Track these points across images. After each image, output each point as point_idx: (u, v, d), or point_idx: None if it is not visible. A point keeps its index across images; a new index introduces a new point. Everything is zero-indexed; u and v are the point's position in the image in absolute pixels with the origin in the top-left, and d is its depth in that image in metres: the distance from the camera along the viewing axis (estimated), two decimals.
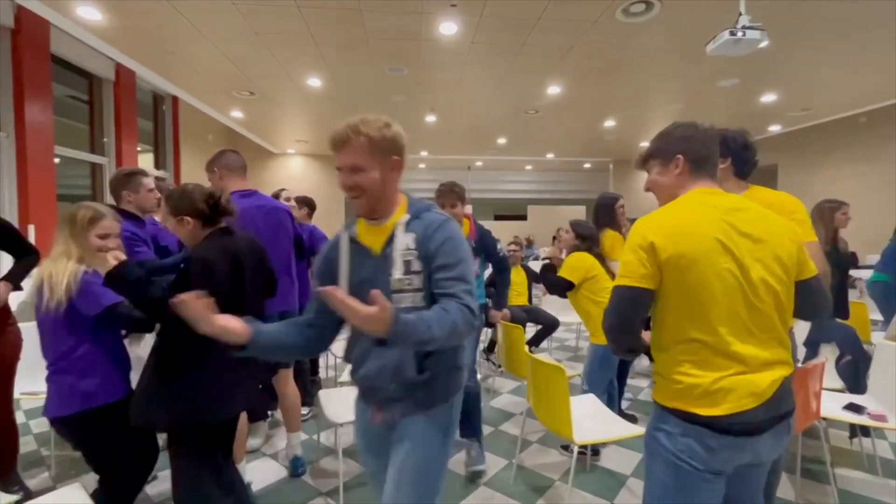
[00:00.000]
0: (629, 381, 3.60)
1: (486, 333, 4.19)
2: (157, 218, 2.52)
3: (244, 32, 4.48)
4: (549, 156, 11.99)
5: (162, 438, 1.81)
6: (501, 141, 9.90)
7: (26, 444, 2.58)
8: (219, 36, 4.66)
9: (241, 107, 7.43)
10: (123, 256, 1.52)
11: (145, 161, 7.82)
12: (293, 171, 11.67)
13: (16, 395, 2.10)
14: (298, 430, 2.41)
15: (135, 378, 1.60)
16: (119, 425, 1.55)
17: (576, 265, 2.46)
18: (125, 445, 1.61)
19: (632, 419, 2.86)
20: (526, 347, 2.57)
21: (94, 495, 1.48)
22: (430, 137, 9.53)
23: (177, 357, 1.47)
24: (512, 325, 2.85)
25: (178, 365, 1.47)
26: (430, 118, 7.82)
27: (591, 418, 2.09)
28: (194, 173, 8.18)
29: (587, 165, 13.59)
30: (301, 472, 2.33)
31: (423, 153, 11.77)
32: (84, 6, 4.04)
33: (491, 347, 4.26)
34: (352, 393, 2.36)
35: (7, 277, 2.00)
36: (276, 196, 3.14)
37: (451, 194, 2.52)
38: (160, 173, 8.23)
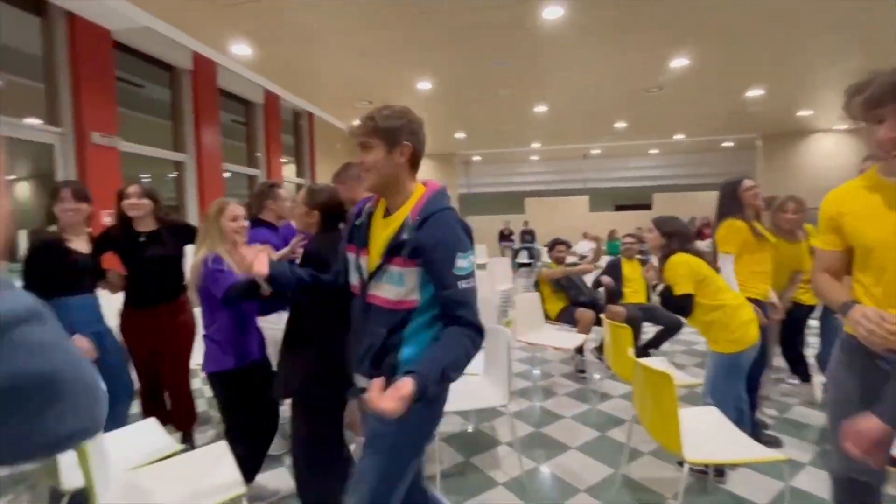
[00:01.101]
0: (776, 398, 3.09)
1: (598, 332, 3.97)
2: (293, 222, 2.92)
3: (360, 49, 4.90)
4: (679, 137, 10.76)
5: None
6: (620, 125, 9.19)
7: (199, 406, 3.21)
8: (340, 56, 5.17)
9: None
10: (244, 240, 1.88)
11: (289, 171, 9.04)
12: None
13: (192, 365, 2.64)
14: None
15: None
16: (245, 390, 1.88)
17: (682, 271, 2.11)
18: (249, 409, 1.93)
19: (773, 442, 2.45)
20: (630, 350, 2.37)
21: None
22: (542, 128, 9.28)
23: (301, 332, 1.71)
24: (618, 325, 2.65)
25: (303, 339, 1.70)
26: (540, 108, 7.61)
27: (711, 434, 1.85)
28: (327, 177, 9.23)
29: (727, 144, 11.86)
30: None
31: (535, 144, 11.51)
32: (237, 45, 4.81)
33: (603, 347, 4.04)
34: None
35: None
36: None
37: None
38: (301, 181, 9.40)
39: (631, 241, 4.30)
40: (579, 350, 3.85)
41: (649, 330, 3.94)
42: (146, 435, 1.92)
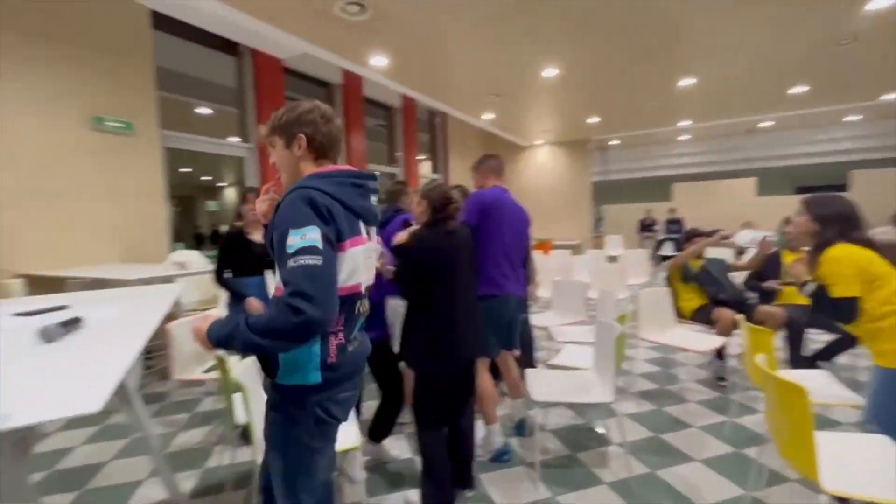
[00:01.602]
0: None
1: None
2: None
3: (485, 43, 5.01)
4: (889, 97, 8.41)
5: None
6: (798, 90, 7.59)
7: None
8: (467, 53, 5.36)
9: (491, 109, 8.27)
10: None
11: (425, 168, 9.73)
12: (541, 161, 12.14)
13: None
14: (495, 422, 2.39)
15: None
16: (372, 363, 2.18)
17: (845, 269, 1.69)
18: (382, 376, 2.24)
19: None
20: (766, 357, 2.02)
21: None
22: (691, 103, 8.20)
23: (410, 315, 1.92)
24: (758, 328, 2.29)
25: (412, 321, 1.91)
26: (687, 81, 6.75)
27: (870, 464, 1.52)
28: (460, 173, 9.65)
29: None
30: (506, 459, 2.35)
31: (683, 123, 10.21)
32: (375, 57, 5.36)
33: None
34: (557, 374, 2.46)
35: None
36: None
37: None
38: (435, 177, 10.01)
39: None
40: (719, 354, 3.40)
41: (815, 338, 3.27)
42: None
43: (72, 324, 1.24)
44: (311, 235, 1.01)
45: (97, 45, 3.83)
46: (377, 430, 2.35)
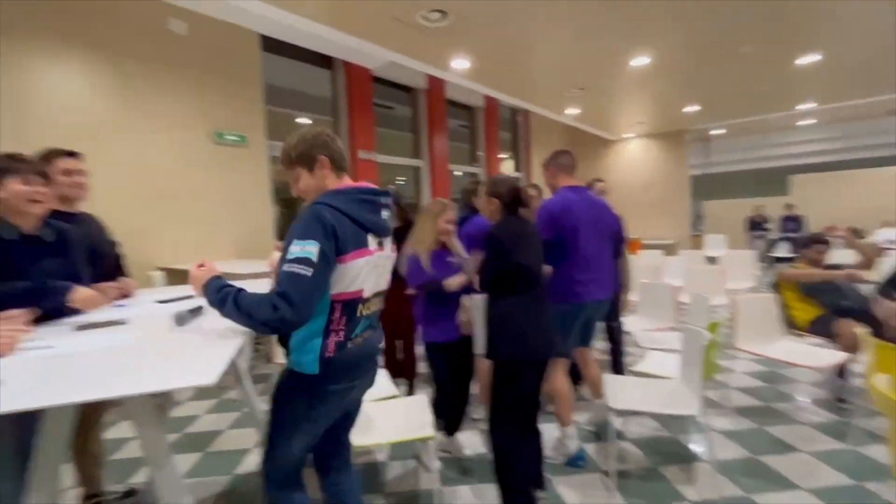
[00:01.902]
0: None
1: None
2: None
3: (570, 36, 4.87)
4: None
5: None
6: None
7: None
8: (550, 49, 5.26)
9: (575, 104, 7.99)
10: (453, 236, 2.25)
11: (507, 166, 9.69)
12: (631, 155, 11.43)
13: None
14: (570, 424, 2.33)
15: None
16: (445, 359, 2.26)
17: None
18: (448, 375, 2.30)
19: None
20: (884, 380, 1.72)
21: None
22: (814, 83, 7.17)
23: (496, 310, 1.95)
24: (886, 344, 1.96)
25: (497, 314, 1.94)
26: (809, 59, 5.92)
27: None
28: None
29: None
30: (581, 465, 2.30)
31: (804, 106, 8.93)
32: (457, 60, 5.47)
33: None
34: (639, 382, 2.34)
35: None
36: (590, 185, 3.25)
37: None
38: (517, 175, 9.92)
39: None
40: (841, 373, 2.98)
41: None
42: (377, 380, 2.55)
43: (197, 311, 1.49)
44: (310, 249, 1.15)
45: (217, 70, 4.42)
46: (449, 424, 2.43)
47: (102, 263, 1.93)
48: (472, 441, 2.58)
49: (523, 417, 1.96)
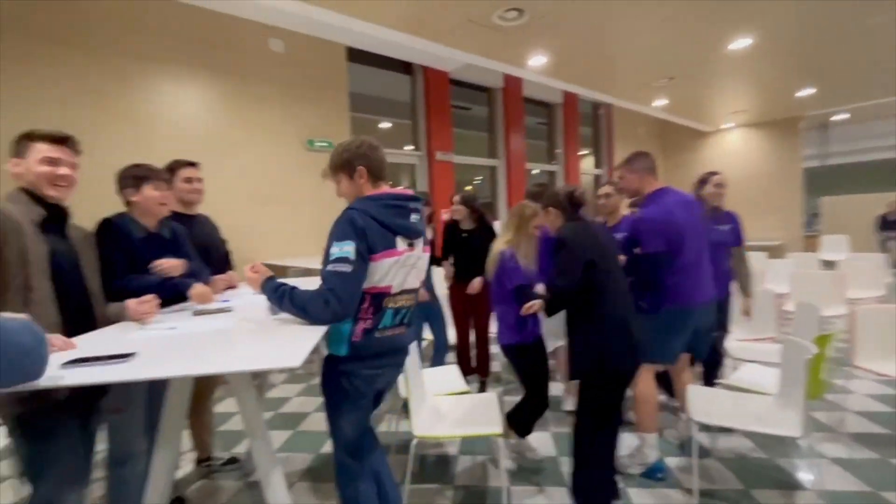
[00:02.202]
0: None
1: None
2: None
3: (660, 22, 4.57)
4: None
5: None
6: None
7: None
8: (635, 38, 4.97)
9: (663, 94, 7.45)
10: None
11: (587, 163, 9.33)
12: (731, 147, 10.38)
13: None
14: (652, 432, 2.20)
15: None
16: (524, 361, 2.25)
17: None
18: (534, 378, 2.29)
19: None
20: None
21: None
22: None
23: (576, 327, 1.92)
24: None
25: (579, 332, 1.91)
26: None
27: None
28: None
29: None
30: (660, 477, 2.16)
31: None
32: (535, 57, 5.39)
33: None
34: (730, 395, 2.15)
35: None
36: (704, 180, 2.95)
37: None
38: (598, 172, 9.50)
39: None
40: None
41: None
42: (448, 376, 2.63)
43: None
44: (347, 248, 1.32)
45: (308, 82, 4.81)
46: (521, 426, 2.41)
47: (214, 258, 2.22)
48: (545, 443, 2.55)
49: (608, 430, 1.91)
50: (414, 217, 1.49)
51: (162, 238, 1.84)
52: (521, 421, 2.29)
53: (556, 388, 3.02)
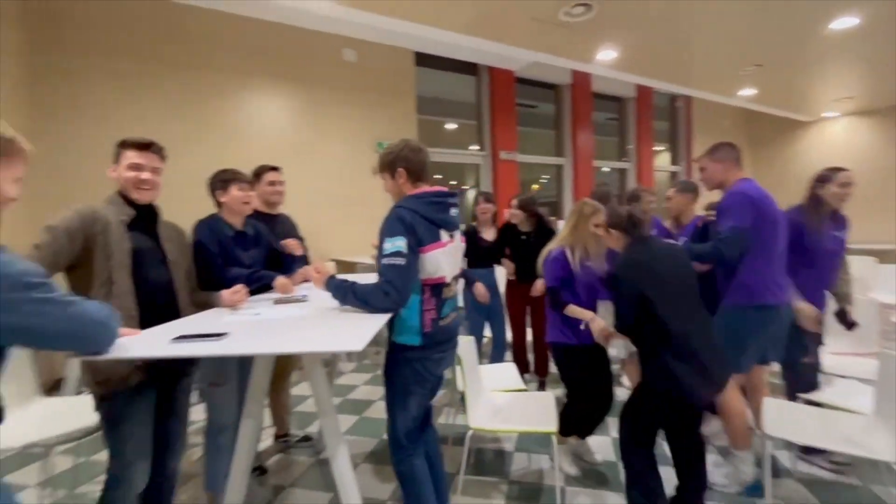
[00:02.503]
0: None
1: None
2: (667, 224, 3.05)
3: (740, 10, 4.24)
4: None
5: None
6: None
7: None
8: (716, 26, 4.64)
9: (751, 83, 6.83)
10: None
11: (662, 160, 8.82)
12: (834, 139, 9.25)
13: None
14: (747, 448, 2.06)
15: None
16: (578, 365, 2.21)
17: None
18: (578, 382, 2.25)
19: None
20: None
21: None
22: None
23: (645, 360, 1.81)
24: None
25: (648, 365, 1.79)
26: None
27: None
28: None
29: None
30: (759, 495, 1.99)
31: None
32: (604, 51, 5.21)
33: None
34: (815, 412, 1.98)
35: None
36: (823, 179, 2.41)
37: None
38: (675, 169, 8.93)
39: None
40: None
41: None
42: (506, 373, 2.67)
43: None
44: (399, 243, 1.46)
45: (378, 87, 5.05)
46: (573, 427, 2.32)
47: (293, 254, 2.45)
48: (605, 448, 2.50)
49: (645, 450, 1.79)
50: (453, 211, 1.62)
51: (247, 235, 2.07)
52: (570, 423, 2.24)
53: (622, 393, 2.93)
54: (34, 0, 3.51)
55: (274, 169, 2.44)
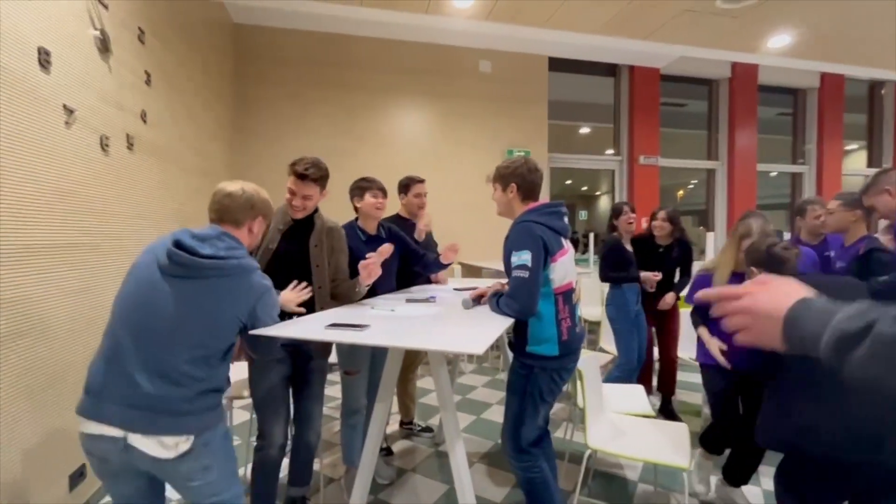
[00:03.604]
0: None
1: None
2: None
3: None
4: None
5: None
6: None
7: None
8: None
9: None
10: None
11: (855, 160, 7.22)
12: None
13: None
14: None
15: None
16: (713, 385, 2.05)
17: None
18: (714, 404, 2.06)
19: None
20: None
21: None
22: None
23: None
24: None
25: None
26: None
27: None
28: None
29: None
30: None
31: None
32: (775, 38, 4.49)
33: None
34: None
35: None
36: None
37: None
38: (869, 172, 7.33)
39: None
40: None
41: None
42: (633, 394, 2.48)
43: (478, 300, 1.89)
44: (525, 257, 1.53)
45: (509, 96, 5.13)
46: (734, 472, 2.09)
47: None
48: (756, 498, 2.16)
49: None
50: (566, 219, 1.72)
51: (380, 239, 2.28)
52: (736, 468, 2.04)
53: None
54: (241, 39, 4.41)
55: (421, 181, 2.66)
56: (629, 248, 3.04)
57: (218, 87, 3.90)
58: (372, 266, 1.85)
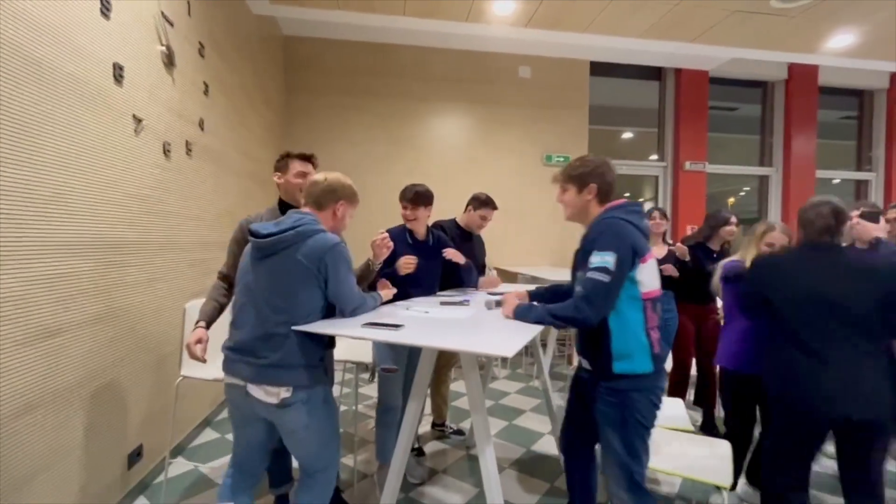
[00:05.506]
0: None
1: None
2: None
3: None
4: None
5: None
6: None
7: None
8: None
9: None
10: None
11: None
12: None
13: None
14: None
15: None
16: (733, 393, 2.03)
17: None
18: (731, 414, 2.03)
19: None
20: None
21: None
22: None
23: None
24: None
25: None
26: None
27: None
28: None
29: None
30: None
31: None
32: (837, 37, 4.23)
33: None
34: None
35: None
36: None
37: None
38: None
39: None
40: None
41: None
42: (672, 408, 2.40)
43: (501, 303, 1.90)
44: (608, 259, 1.34)
45: (549, 101, 5.08)
46: (759, 473, 2.02)
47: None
48: None
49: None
50: (647, 220, 1.61)
51: (427, 244, 2.35)
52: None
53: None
54: (290, 50, 4.64)
55: (495, 209, 2.80)
56: (660, 254, 2.99)
57: (268, 96, 4.11)
58: (381, 242, 1.86)
